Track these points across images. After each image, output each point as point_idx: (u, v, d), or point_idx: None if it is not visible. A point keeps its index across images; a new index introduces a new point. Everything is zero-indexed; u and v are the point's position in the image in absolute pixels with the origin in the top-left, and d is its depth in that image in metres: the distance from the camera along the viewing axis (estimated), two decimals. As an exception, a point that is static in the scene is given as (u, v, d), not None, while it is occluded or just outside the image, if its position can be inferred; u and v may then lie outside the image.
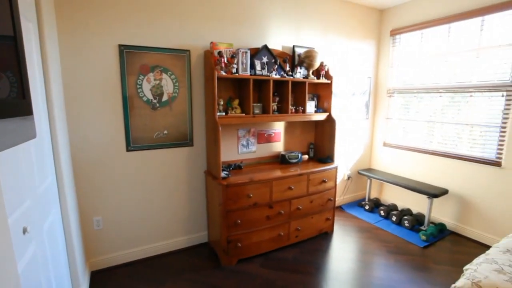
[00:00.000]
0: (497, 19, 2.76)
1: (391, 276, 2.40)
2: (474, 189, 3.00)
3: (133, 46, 2.29)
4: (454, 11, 3.03)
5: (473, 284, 1.37)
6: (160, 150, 2.55)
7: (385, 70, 3.83)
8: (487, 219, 2.93)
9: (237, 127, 2.87)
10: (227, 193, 2.37)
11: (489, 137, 2.89)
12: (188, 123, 2.63)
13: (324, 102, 3.16)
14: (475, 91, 2.96)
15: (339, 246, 2.88)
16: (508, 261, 1.51)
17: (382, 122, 3.94)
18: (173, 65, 2.48)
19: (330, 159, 3.09)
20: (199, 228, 2.87)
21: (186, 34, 2.50)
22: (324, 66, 2.99)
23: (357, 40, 3.64)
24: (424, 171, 3.45)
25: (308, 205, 2.83)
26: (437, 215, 3.36)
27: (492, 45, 2.81)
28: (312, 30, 3.20)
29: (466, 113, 3.06)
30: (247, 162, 2.95)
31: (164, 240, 2.70)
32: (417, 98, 3.52)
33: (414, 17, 3.43)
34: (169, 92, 2.50)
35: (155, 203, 2.60)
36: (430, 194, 3.04)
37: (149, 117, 2.44)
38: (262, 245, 2.62)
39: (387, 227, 3.27)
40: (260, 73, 2.62)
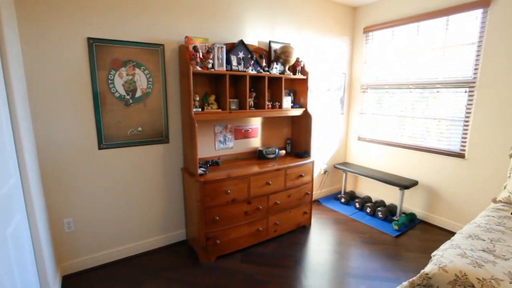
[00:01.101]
0: (459, 19, 2.92)
1: (366, 265, 2.50)
2: (441, 179, 3.18)
3: (103, 39, 2.18)
4: (422, 10, 3.17)
5: (440, 269, 1.45)
6: (135, 147, 2.47)
7: (359, 66, 3.94)
8: (452, 207, 3.11)
9: (213, 123, 2.83)
10: (204, 190, 2.34)
11: (454, 130, 3.06)
12: (164, 119, 2.57)
13: (300, 97, 3.19)
14: (441, 87, 3.12)
15: (317, 239, 2.94)
16: (470, 245, 1.62)
17: (356, 117, 4.06)
18: (146, 59, 2.40)
19: (307, 154, 3.14)
20: (177, 226, 2.82)
21: (159, 27, 2.43)
22: (300, 62, 3.02)
23: (332, 36, 3.70)
24: (396, 163, 3.60)
25: (286, 200, 2.87)
26: (408, 205, 3.52)
27: (456, 44, 2.97)
28: (288, 26, 3.22)
29: (434, 108, 3.22)
30: (224, 158, 2.93)
31: (141, 239, 2.63)
32: (389, 93, 3.65)
33: (385, 15, 3.54)
34: (143, 87, 2.42)
35: (130, 202, 2.53)
36: (401, 185, 3.18)
37: (122, 114, 2.36)
38: (241, 240, 2.63)
39: (362, 219, 3.39)
40: (236, 68, 2.61)
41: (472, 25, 2.83)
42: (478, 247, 1.59)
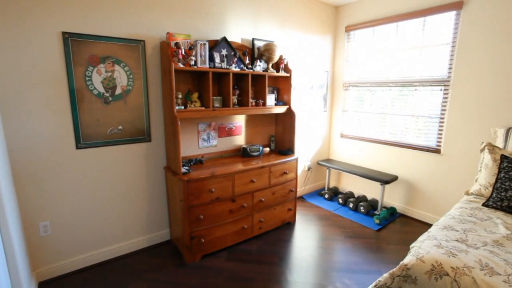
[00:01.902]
0: (435, 20, 3.03)
1: (349, 259, 2.56)
2: (419, 174, 3.30)
3: (80, 34, 2.10)
4: (400, 11, 3.26)
5: (417, 260, 1.50)
6: (115, 146, 2.40)
7: (341, 64, 4.01)
8: (429, 200, 3.24)
9: (197, 121, 2.80)
10: (188, 189, 2.31)
11: (431, 127, 3.18)
12: (145, 117, 2.51)
13: (284, 95, 3.21)
14: (419, 85, 3.23)
15: (302, 235, 2.98)
16: (445, 236, 1.69)
17: (339, 114, 4.13)
18: (126, 56, 2.33)
19: (291, 151, 3.17)
20: (161, 226, 2.77)
21: (140, 23, 2.36)
22: (283, 60, 3.03)
23: (315, 34, 3.74)
24: (377, 159, 3.70)
25: (271, 197, 2.88)
26: (389, 199, 3.64)
27: (432, 44, 3.08)
28: (271, 24, 3.23)
29: (412, 105, 3.33)
30: (208, 157, 2.90)
31: (123, 241, 2.57)
32: (370, 91, 3.75)
33: (366, 15, 3.62)
34: (123, 85, 2.35)
35: (111, 203, 2.46)
36: (382, 181, 3.27)
37: (101, 112, 2.28)
38: (226, 239, 2.62)
39: (345, 214, 3.47)
40: (219, 65, 2.58)
41: (446, 26, 2.95)
42: (452, 238, 1.67)
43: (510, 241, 1.64)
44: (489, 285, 1.27)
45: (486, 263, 1.41)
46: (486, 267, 1.37)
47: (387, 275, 1.58)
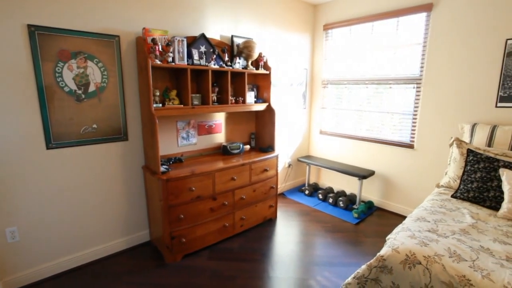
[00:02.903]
0: (408, 21, 3.15)
1: (329, 252, 2.62)
2: (395, 169, 3.43)
3: (48, 27, 1.99)
4: (375, 11, 3.36)
5: (393, 251, 1.57)
6: (90, 146, 2.31)
7: (320, 62, 4.08)
8: (404, 194, 3.38)
9: (175, 119, 2.75)
10: (168, 188, 2.27)
11: (405, 123, 3.31)
12: (121, 116, 2.43)
13: (263, 92, 3.22)
14: (393, 83, 3.35)
15: (283, 231, 3.02)
16: (418, 227, 1.77)
17: (318, 112, 4.21)
18: (99, 51, 2.24)
19: (271, 148, 3.19)
20: (140, 227, 2.70)
21: (114, 17, 2.28)
22: (262, 57, 3.04)
23: (294, 32, 3.78)
24: (355, 155, 3.81)
25: (252, 194, 2.89)
26: (366, 194, 3.76)
27: (405, 44, 3.21)
28: (250, 21, 3.22)
29: (388, 102, 3.45)
30: (188, 155, 2.86)
31: (100, 244, 2.48)
32: (347, 89, 3.84)
33: (343, 14, 3.70)
34: (97, 82, 2.26)
35: (86, 206, 2.36)
36: (360, 176, 3.37)
37: (74, 110, 2.18)
38: (207, 237, 2.60)
39: (325, 209, 3.54)
40: (198, 62, 2.54)
41: (418, 27, 3.07)
42: (425, 228, 1.75)
43: (475, 229, 1.75)
44: (456, 270, 1.35)
45: (454, 250, 1.49)
46: (454, 255, 1.46)
47: (365, 267, 1.63)
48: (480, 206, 2.10)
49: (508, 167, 2.11)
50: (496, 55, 2.58)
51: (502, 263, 1.40)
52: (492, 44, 2.60)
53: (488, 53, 2.62)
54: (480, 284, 1.27)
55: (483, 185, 2.14)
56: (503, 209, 1.94)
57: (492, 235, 1.68)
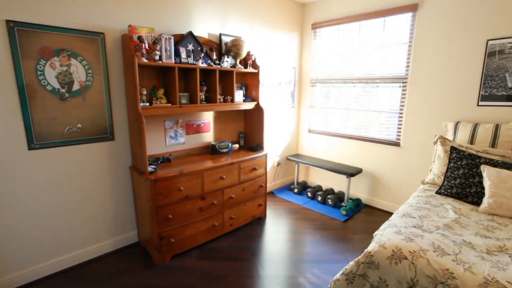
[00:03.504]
0: (394, 21, 3.21)
1: (318, 250, 2.65)
2: (382, 166, 3.50)
3: (28, 23, 1.92)
4: (362, 11, 3.40)
5: (380, 247, 1.60)
6: (74, 146, 2.25)
7: (308, 61, 4.10)
8: (391, 190, 3.45)
9: (163, 118, 2.71)
10: (156, 188, 2.24)
11: (392, 121, 3.38)
12: (107, 115, 2.38)
13: (252, 91, 3.22)
14: (380, 82, 3.40)
15: (272, 229, 3.03)
16: (404, 223, 1.81)
17: (306, 110, 4.24)
18: (84, 49, 2.18)
19: (260, 147, 3.19)
20: (128, 228, 2.66)
21: (99, 14, 2.22)
22: (251, 56, 3.03)
23: (282, 31, 3.79)
24: (343, 153, 3.86)
25: (241, 193, 2.89)
26: (354, 191, 3.81)
27: (391, 43, 3.26)
28: (238, 20, 3.20)
29: (375, 101, 3.50)
30: (176, 154, 2.83)
31: (86, 246, 2.43)
32: (335, 87, 3.88)
33: (331, 13, 3.73)
34: (81, 80, 2.20)
35: (72, 207, 2.30)
36: (348, 173, 3.42)
37: (57, 109, 2.12)
38: (197, 237, 2.58)
39: (314, 207, 3.57)
40: (185, 61, 2.52)
41: (404, 27, 3.13)
42: (410, 224, 1.79)
43: (458, 224, 1.80)
44: (440, 264, 1.39)
45: (438, 245, 1.53)
46: (438, 249, 1.50)
47: (353, 263, 1.65)
48: (463, 202, 2.17)
49: (489, 164, 2.18)
50: (478, 55, 2.66)
51: (482, 256, 1.45)
52: (473, 44, 2.67)
53: (470, 53, 2.70)
54: (462, 277, 1.31)
55: (466, 181, 2.21)
56: (484, 204, 2.01)
57: (474, 229, 1.74)
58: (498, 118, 2.60)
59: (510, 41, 2.47)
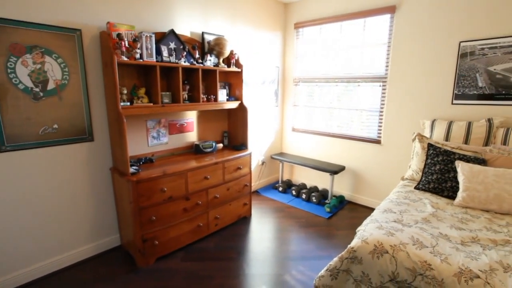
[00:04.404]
0: (374, 22, 3.29)
1: (303, 247, 2.68)
2: (364, 164, 3.59)
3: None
4: (344, 11, 3.47)
5: (362, 242, 1.64)
6: (51, 148, 2.15)
7: (291, 60, 4.14)
8: (372, 187, 3.55)
9: (145, 118, 2.65)
10: (138, 190, 2.19)
11: (373, 120, 3.47)
12: (86, 115, 2.29)
13: (235, 90, 3.21)
14: (361, 81, 3.49)
15: (258, 228, 3.04)
16: (385, 218, 1.87)
17: (290, 109, 4.27)
18: (59, 46, 2.09)
19: (244, 146, 3.19)
20: (109, 231, 2.58)
21: (75, 9, 2.13)
22: (234, 55, 3.02)
23: (265, 31, 3.80)
24: (326, 151, 3.92)
25: (226, 193, 2.87)
26: (338, 188, 3.89)
27: (371, 43, 3.35)
28: (221, 18, 3.18)
29: (356, 100, 3.58)
30: (159, 155, 2.78)
31: (67, 251, 2.33)
32: (318, 86, 3.93)
33: (313, 13, 3.78)
34: (57, 79, 2.11)
35: (49, 211, 2.21)
36: (331, 171, 3.48)
37: (31, 109, 2.02)
38: (181, 238, 2.55)
39: (298, 205, 3.61)
40: (167, 59, 2.47)
41: (383, 28, 3.22)
42: (391, 219, 1.85)
43: (435, 218, 1.87)
44: (419, 257, 1.44)
45: (417, 238, 1.59)
46: (417, 242, 1.56)
47: (337, 259, 1.69)
48: (439, 196, 2.26)
49: (462, 159, 2.28)
50: (451, 56, 2.78)
51: (457, 247, 1.52)
52: (447, 46, 2.79)
53: (444, 55, 2.82)
54: (439, 268, 1.37)
55: (442, 176, 2.30)
56: (458, 198, 2.10)
57: (449, 222, 1.82)
58: (470, 116, 2.73)
59: (480, 43, 2.61)
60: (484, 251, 1.49)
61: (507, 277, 1.30)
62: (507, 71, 2.51)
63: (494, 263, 1.39)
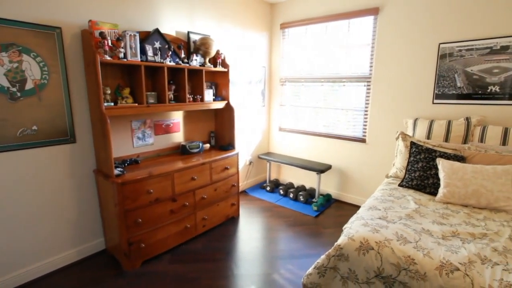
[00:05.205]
0: (358, 23, 3.36)
1: (291, 246, 2.70)
2: (349, 162, 3.65)
3: (-29, 16, 1.74)
4: (329, 12, 3.52)
5: (349, 239, 1.66)
6: (30, 150, 2.07)
7: (277, 60, 4.16)
8: (358, 185, 3.62)
9: (130, 119, 2.60)
10: (123, 192, 2.14)
11: (358, 119, 3.53)
12: (67, 116, 2.22)
13: (222, 90, 3.19)
14: (347, 81, 3.55)
15: (246, 228, 3.03)
16: (370, 216, 1.91)
17: (277, 109, 4.30)
18: (37, 44, 2.02)
19: (231, 146, 3.18)
20: (93, 235, 2.51)
21: (54, 6, 2.06)
22: (220, 55, 3.01)
23: (252, 31, 3.80)
24: (313, 150, 3.97)
25: (213, 193, 2.86)
26: (324, 187, 3.94)
27: (356, 44, 3.41)
28: (207, 18, 3.16)
29: (342, 99, 3.64)
30: (144, 156, 2.73)
31: (49, 257, 2.25)
32: (304, 86, 3.97)
33: (299, 14, 3.81)
34: (36, 78, 2.04)
35: (30, 216, 2.12)
36: (318, 170, 3.52)
37: (7, 110, 1.93)
38: (168, 240, 2.51)
39: (286, 204, 3.64)
40: (152, 59, 2.43)
41: (367, 29, 3.29)
42: (376, 216, 1.89)
43: (418, 214, 1.93)
44: (403, 252, 1.49)
45: (401, 234, 1.64)
46: (401, 238, 1.60)
47: (324, 257, 1.71)
48: (422, 193, 2.33)
49: (443, 157, 2.37)
50: (431, 57, 2.87)
51: (439, 242, 1.57)
52: (427, 47, 2.88)
53: (425, 55, 2.91)
54: (422, 262, 1.42)
55: (424, 173, 2.38)
56: (440, 194, 2.18)
57: (431, 217, 1.88)
58: (450, 115, 2.83)
59: (457, 45, 2.71)
60: (464, 245, 1.55)
61: (484, 268, 1.36)
62: (482, 72, 2.62)
63: (472, 255, 1.45)
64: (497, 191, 2.02)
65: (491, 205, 2.01)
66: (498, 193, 2.01)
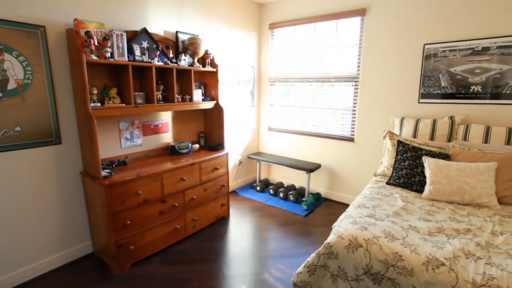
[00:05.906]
0: (345, 24, 3.40)
1: (282, 245, 2.71)
2: (338, 161, 3.70)
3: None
4: (317, 13, 3.56)
5: (338, 237, 1.69)
6: (13, 152, 2.01)
7: (266, 60, 4.17)
8: (347, 183, 3.67)
9: (117, 119, 2.55)
10: (111, 193, 2.10)
11: (346, 118, 3.58)
12: (52, 116, 2.17)
13: (211, 90, 3.18)
14: (335, 81, 3.59)
15: (236, 228, 3.03)
16: (359, 214, 1.94)
17: (266, 109, 4.31)
18: (20, 43, 1.96)
19: (221, 146, 3.17)
20: (80, 238, 2.46)
21: (38, 4, 2.01)
22: (209, 54, 2.99)
23: (241, 31, 3.80)
24: (303, 150, 4.00)
25: (203, 194, 2.84)
26: (314, 186, 3.98)
27: (344, 44, 3.46)
28: (196, 17, 3.14)
29: (331, 99, 3.68)
30: (133, 157, 2.69)
31: (34, 262, 2.19)
32: (293, 86, 4.00)
33: (287, 14, 3.83)
34: (18, 78, 1.98)
35: (14, 220, 2.06)
36: (307, 169, 3.55)
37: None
38: (158, 242, 2.49)
39: (276, 203, 3.65)
40: (140, 59, 2.40)
41: (354, 29, 3.34)
42: (364, 214, 1.92)
43: (405, 211, 1.98)
44: (391, 249, 1.52)
45: (389, 231, 1.67)
46: (389, 235, 1.63)
47: (314, 255, 1.73)
48: (409, 190, 2.38)
49: (429, 155, 2.43)
50: (417, 57, 2.94)
51: (425, 238, 1.62)
52: (413, 48, 2.95)
53: (411, 56, 2.98)
54: (409, 258, 1.45)
55: (411, 171, 2.43)
56: (426, 191, 2.23)
57: (418, 214, 1.93)
58: (435, 114, 2.91)
59: (441, 46, 2.78)
60: (449, 240, 1.60)
61: (468, 263, 1.40)
62: (465, 72, 2.70)
63: (457, 250, 1.49)
64: (480, 187, 2.09)
65: (475, 201, 2.08)
66: (481, 190, 2.08)
